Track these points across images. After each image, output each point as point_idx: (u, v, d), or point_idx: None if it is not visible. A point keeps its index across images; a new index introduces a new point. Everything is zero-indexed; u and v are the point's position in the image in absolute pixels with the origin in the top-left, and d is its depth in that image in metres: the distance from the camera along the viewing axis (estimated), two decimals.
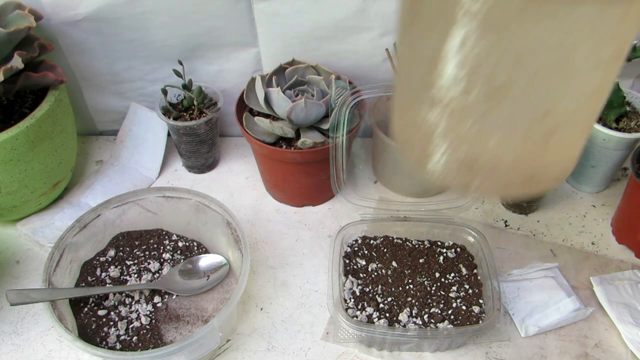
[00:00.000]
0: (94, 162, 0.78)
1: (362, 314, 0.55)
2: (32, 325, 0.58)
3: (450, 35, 0.26)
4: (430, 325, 0.54)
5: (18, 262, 0.64)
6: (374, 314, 0.55)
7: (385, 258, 0.61)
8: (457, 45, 0.26)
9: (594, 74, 0.27)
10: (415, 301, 0.56)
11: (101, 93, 0.76)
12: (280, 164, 0.66)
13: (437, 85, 0.28)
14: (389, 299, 0.56)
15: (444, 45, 0.26)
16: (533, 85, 0.26)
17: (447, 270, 0.59)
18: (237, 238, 0.57)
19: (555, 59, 0.25)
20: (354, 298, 0.56)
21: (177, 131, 0.70)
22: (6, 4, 0.61)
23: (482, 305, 0.55)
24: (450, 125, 0.29)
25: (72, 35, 0.68)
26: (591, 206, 0.71)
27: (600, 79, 0.28)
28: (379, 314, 0.55)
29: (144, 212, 0.63)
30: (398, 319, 0.54)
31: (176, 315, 0.57)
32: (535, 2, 0.24)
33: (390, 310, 0.55)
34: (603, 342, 0.56)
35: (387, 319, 0.54)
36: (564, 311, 0.56)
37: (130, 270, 0.61)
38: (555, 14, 0.24)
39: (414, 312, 0.55)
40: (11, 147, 0.57)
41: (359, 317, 0.55)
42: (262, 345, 0.56)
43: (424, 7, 0.28)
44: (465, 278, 0.58)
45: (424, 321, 0.54)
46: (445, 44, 0.26)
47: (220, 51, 0.70)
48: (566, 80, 0.27)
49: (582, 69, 0.26)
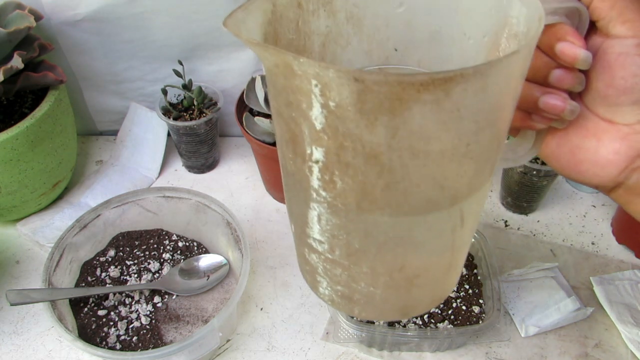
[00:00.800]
0: (94, 162, 0.78)
1: None
2: (32, 325, 0.58)
3: (309, 207, 0.29)
4: (430, 325, 0.54)
5: (18, 262, 0.64)
6: None
7: None
8: (315, 217, 0.29)
9: (438, 241, 0.31)
10: None
11: (101, 93, 0.76)
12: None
13: (310, 239, 0.32)
14: None
15: (307, 212, 0.30)
16: (383, 252, 0.30)
17: None
18: (237, 238, 0.57)
19: (398, 236, 0.29)
20: None
21: (177, 131, 0.70)
22: (6, 4, 0.61)
23: (482, 305, 0.55)
24: (326, 269, 0.33)
25: (72, 35, 0.68)
26: (591, 206, 0.71)
27: (447, 242, 0.31)
28: None
29: (144, 212, 0.63)
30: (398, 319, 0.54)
31: (176, 315, 0.57)
32: (369, 206, 0.27)
33: None
34: (603, 342, 0.56)
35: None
36: (564, 311, 0.57)
37: (130, 270, 0.61)
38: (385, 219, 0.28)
39: None
40: (11, 147, 0.57)
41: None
42: (262, 345, 0.56)
43: (288, 177, 0.31)
44: (465, 278, 0.58)
45: (423, 321, 0.54)
46: (308, 211, 0.30)
47: (220, 51, 0.70)
48: (412, 248, 0.30)
49: (426, 240, 0.30)
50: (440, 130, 0.24)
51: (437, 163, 0.25)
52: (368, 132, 0.23)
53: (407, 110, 0.22)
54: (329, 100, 0.23)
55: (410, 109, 0.22)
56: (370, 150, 0.24)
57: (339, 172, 0.26)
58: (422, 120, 0.23)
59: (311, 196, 0.28)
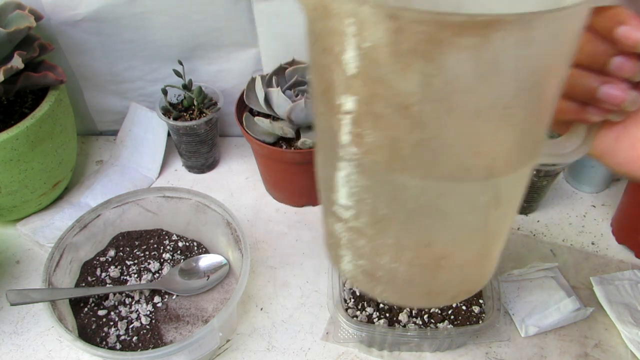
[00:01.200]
0: (94, 162, 0.78)
1: (362, 314, 0.55)
2: (32, 325, 0.58)
3: (337, 168, 0.28)
4: (430, 325, 0.54)
5: (18, 262, 0.64)
6: (374, 314, 0.55)
7: None
8: (343, 178, 0.28)
9: (469, 218, 0.29)
10: None
11: (101, 93, 0.76)
12: (280, 164, 0.66)
13: (336, 206, 0.31)
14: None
15: (335, 174, 0.29)
16: (410, 221, 0.28)
17: None
18: (237, 238, 0.57)
19: (427, 205, 0.27)
20: (354, 298, 0.56)
21: (177, 131, 0.70)
22: (6, 4, 0.61)
23: (482, 305, 0.55)
24: (350, 240, 0.31)
25: (72, 35, 0.68)
26: (591, 206, 0.71)
27: (479, 221, 0.29)
28: (379, 314, 0.55)
29: (144, 212, 0.63)
30: (398, 319, 0.54)
31: (176, 315, 0.57)
32: (399, 164, 0.25)
33: (390, 310, 0.55)
34: (603, 342, 0.56)
35: (387, 319, 0.54)
36: (564, 311, 0.57)
37: (130, 270, 0.61)
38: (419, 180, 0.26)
39: (414, 312, 0.55)
40: (11, 147, 0.57)
41: (359, 317, 0.55)
42: (262, 345, 0.56)
43: (319, 137, 0.31)
44: None
45: (423, 321, 0.54)
46: (335, 173, 0.29)
47: (220, 51, 0.70)
48: (441, 221, 0.28)
49: (456, 214, 0.28)
50: (477, 84, 0.22)
51: (472, 123, 0.23)
52: (401, 79, 0.22)
53: (443, 55, 0.21)
54: (363, 41, 0.22)
55: (446, 54, 0.21)
56: (403, 99, 0.23)
57: (369, 124, 0.25)
58: (458, 68, 0.21)
59: (339, 155, 0.27)
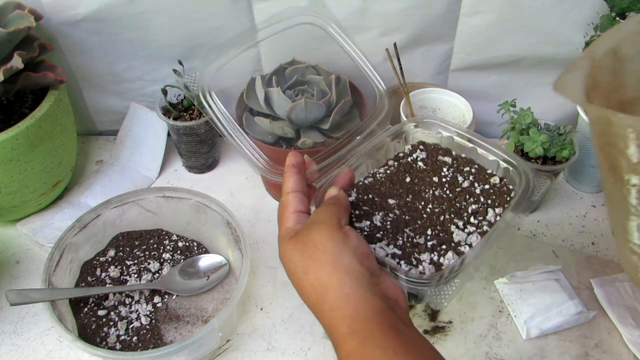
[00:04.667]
0: (94, 162, 0.78)
1: None
2: (32, 325, 0.58)
3: (629, 219, 0.35)
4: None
5: (18, 262, 0.64)
6: None
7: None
8: (634, 227, 0.35)
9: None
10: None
11: (101, 93, 0.76)
12: (280, 164, 0.66)
13: (631, 243, 0.37)
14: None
15: (628, 223, 0.36)
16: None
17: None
18: (237, 238, 0.57)
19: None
20: None
21: (177, 131, 0.70)
22: (6, 4, 0.61)
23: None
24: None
25: (72, 35, 0.68)
26: (591, 206, 0.71)
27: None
28: None
29: (144, 212, 0.63)
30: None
31: (176, 315, 0.57)
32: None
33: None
34: (604, 344, 0.56)
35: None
36: (566, 314, 0.56)
37: (130, 270, 0.61)
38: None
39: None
40: (11, 147, 0.57)
41: None
42: (262, 345, 0.56)
43: (610, 194, 0.38)
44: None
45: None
46: (628, 223, 0.35)
47: (220, 51, 0.70)
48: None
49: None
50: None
51: None
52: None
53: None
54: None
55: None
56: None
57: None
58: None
59: (630, 210, 0.35)
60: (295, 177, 0.45)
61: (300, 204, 0.43)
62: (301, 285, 0.39)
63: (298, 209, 0.43)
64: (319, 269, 0.38)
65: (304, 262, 0.39)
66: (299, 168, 0.46)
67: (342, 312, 0.36)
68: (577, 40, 0.62)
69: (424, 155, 0.53)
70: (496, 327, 0.57)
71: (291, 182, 0.44)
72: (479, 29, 0.66)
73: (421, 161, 0.52)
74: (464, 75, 0.73)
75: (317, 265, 0.38)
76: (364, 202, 0.48)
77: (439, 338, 0.56)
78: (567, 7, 0.62)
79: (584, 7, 0.61)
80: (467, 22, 0.66)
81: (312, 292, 0.38)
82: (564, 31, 0.64)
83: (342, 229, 0.40)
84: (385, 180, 0.51)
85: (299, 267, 0.39)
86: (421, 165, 0.52)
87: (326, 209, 0.42)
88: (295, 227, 0.42)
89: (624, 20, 0.43)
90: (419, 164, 0.52)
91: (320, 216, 0.41)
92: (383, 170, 0.52)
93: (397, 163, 0.52)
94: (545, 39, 0.65)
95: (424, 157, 0.52)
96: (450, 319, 0.58)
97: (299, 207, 0.43)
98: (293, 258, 0.40)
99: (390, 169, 0.52)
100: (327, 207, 0.42)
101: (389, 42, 0.67)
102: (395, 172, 0.51)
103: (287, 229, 0.42)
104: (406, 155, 0.53)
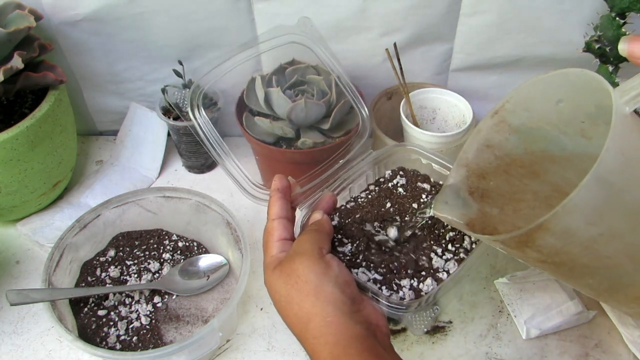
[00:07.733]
0: (94, 162, 0.78)
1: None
2: (32, 325, 0.58)
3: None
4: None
5: (18, 262, 0.64)
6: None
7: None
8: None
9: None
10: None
11: (101, 93, 0.76)
12: (280, 164, 0.66)
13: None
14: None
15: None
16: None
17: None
18: (237, 238, 0.57)
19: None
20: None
21: (177, 131, 0.70)
22: (6, 4, 0.61)
23: None
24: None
25: (72, 35, 0.68)
26: None
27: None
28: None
29: (144, 212, 0.63)
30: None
31: (176, 315, 0.57)
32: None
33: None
34: (604, 344, 0.56)
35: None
36: (566, 314, 0.56)
37: (130, 270, 0.61)
38: None
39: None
40: (11, 147, 0.57)
41: None
42: (262, 345, 0.56)
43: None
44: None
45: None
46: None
47: (220, 51, 0.70)
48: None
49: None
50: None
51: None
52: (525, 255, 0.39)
53: (526, 247, 0.37)
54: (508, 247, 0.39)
55: (527, 248, 0.37)
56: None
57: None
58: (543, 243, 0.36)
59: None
60: (280, 202, 0.46)
61: (284, 231, 0.45)
62: (286, 314, 0.41)
63: (282, 237, 0.45)
64: (302, 300, 0.39)
65: (288, 292, 0.40)
66: (284, 192, 0.48)
67: (325, 339, 0.38)
68: (577, 40, 0.62)
69: (403, 181, 0.55)
70: (496, 327, 0.57)
71: (276, 208, 0.46)
72: (479, 29, 0.66)
73: (401, 187, 0.54)
74: (464, 75, 0.73)
75: (301, 295, 0.39)
76: (346, 226, 0.50)
77: (439, 338, 0.56)
78: (567, 7, 0.61)
79: (584, 7, 0.61)
80: (467, 22, 0.66)
81: (296, 322, 0.40)
82: (564, 31, 0.64)
83: (324, 259, 0.41)
84: (366, 205, 0.52)
85: (283, 296, 0.41)
86: (401, 191, 0.54)
87: (309, 237, 0.43)
88: (279, 255, 0.43)
89: (478, 124, 0.47)
90: (399, 190, 0.54)
91: (302, 246, 0.42)
92: (364, 195, 0.54)
93: (377, 188, 0.54)
94: (545, 39, 0.65)
95: (404, 182, 0.54)
96: (450, 319, 0.58)
97: (283, 235, 0.45)
98: (277, 287, 0.41)
99: (371, 194, 0.54)
100: (310, 235, 0.44)
101: (389, 42, 0.67)
102: (376, 197, 0.53)
103: (272, 257, 0.43)
104: (387, 181, 0.55)
